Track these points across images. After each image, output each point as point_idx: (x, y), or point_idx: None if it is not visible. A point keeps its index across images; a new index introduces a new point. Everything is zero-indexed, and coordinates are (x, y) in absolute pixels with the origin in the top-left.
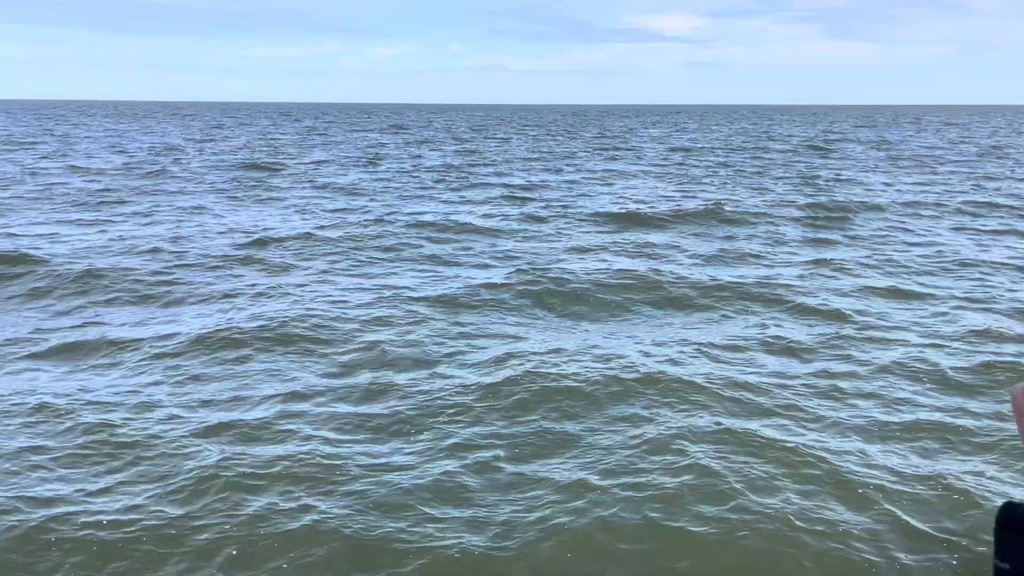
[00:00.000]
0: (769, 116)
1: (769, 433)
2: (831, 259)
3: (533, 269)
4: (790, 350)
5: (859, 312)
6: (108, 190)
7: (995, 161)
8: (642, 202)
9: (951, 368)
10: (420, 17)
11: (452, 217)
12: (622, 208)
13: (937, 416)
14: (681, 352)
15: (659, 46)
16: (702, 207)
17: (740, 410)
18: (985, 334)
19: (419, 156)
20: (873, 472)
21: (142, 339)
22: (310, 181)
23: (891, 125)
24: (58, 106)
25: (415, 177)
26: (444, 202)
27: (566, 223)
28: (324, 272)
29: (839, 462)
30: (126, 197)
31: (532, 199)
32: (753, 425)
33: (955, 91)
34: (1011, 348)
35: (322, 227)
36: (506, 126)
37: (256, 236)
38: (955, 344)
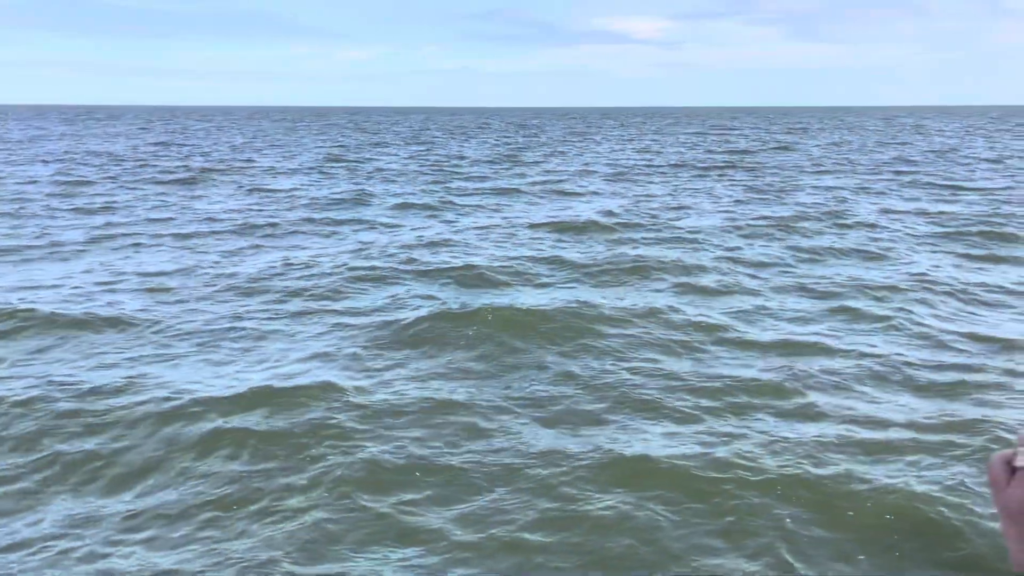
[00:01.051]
0: (721, 118)
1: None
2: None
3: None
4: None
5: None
6: None
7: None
8: (610, 213)
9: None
10: (389, 20)
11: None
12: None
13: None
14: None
15: (627, 48)
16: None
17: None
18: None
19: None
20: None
21: None
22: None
23: (822, 129)
24: (5, 111)
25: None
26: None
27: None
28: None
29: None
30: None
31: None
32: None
33: (919, 92)
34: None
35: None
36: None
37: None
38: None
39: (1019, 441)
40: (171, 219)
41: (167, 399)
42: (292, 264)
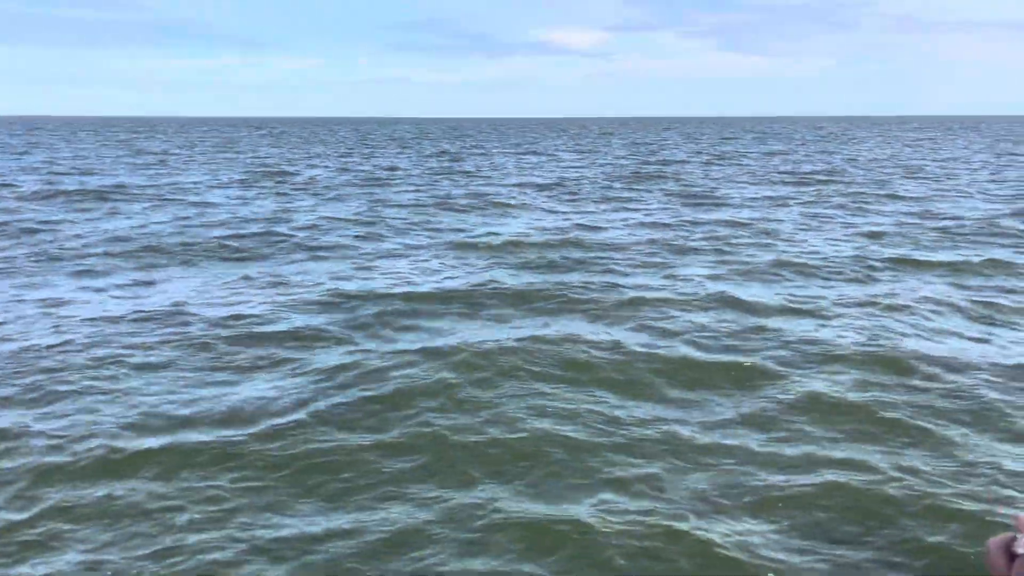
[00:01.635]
0: (650, 127)
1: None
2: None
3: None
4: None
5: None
6: None
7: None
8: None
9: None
10: (323, 30)
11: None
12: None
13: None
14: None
15: (563, 59)
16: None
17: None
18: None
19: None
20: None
21: None
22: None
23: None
24: None
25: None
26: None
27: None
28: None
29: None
30: None
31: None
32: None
33: (842, 102)
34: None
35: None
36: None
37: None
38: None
39: (1017, 526)
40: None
41: None
42: (171, 308)
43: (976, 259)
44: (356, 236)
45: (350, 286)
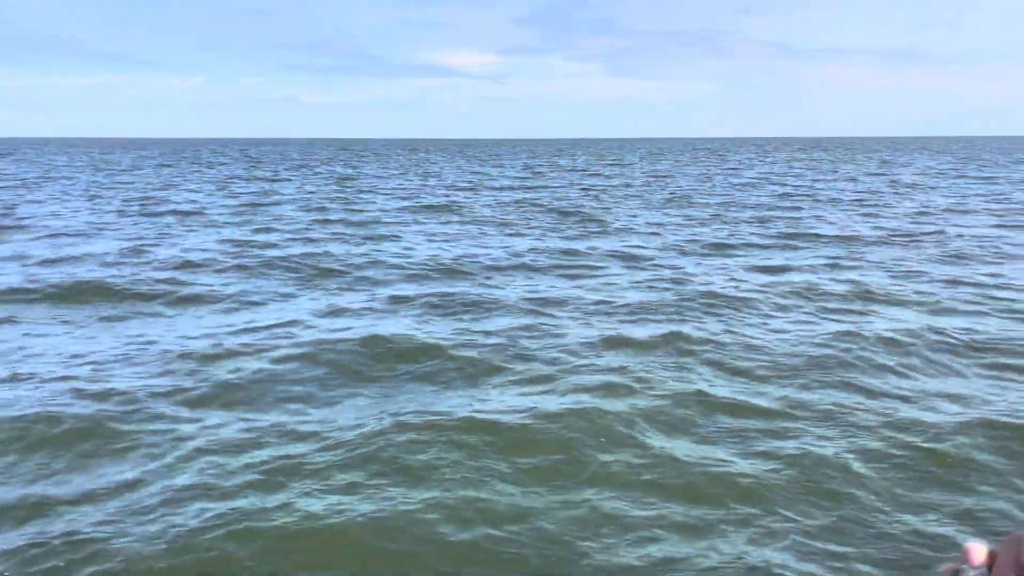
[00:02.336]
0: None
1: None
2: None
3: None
4: None
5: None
6: None
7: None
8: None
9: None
10: (209, 48)
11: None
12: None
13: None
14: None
15: (454, 81)
16: None
17: None
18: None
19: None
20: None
21: None
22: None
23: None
24: None
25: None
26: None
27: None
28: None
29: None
30: None
31: None
32: None
33: (723, 124)
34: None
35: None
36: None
37: None
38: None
39: (963, 557)
40: None
41: None
42: None
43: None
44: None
45: (200, 344)
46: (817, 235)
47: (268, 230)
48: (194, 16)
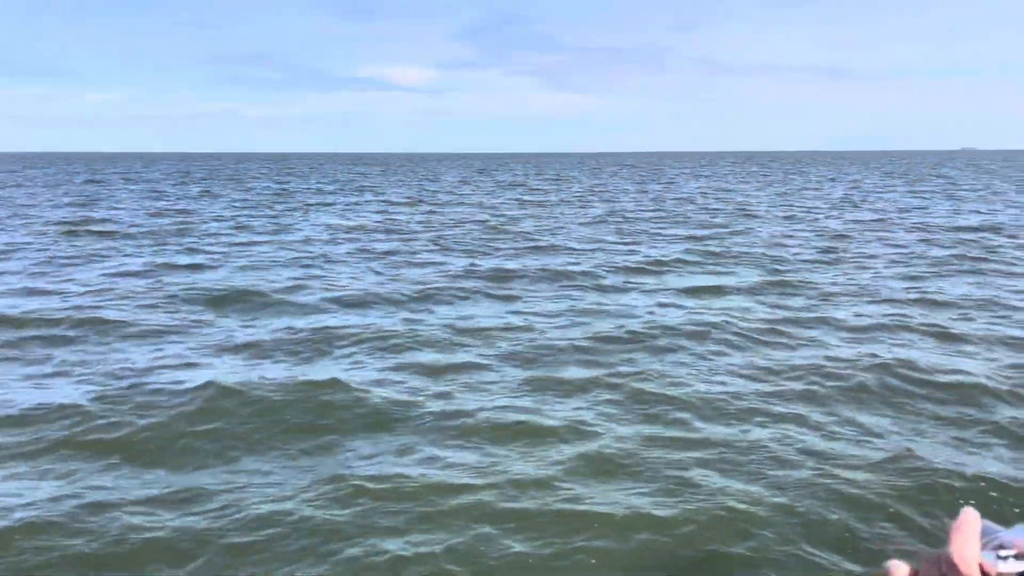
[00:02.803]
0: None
1: None
2: None
3: None
4: None
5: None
6: None
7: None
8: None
9: None
10: (139, 61)
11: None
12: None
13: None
14: None
15: (395, 95)
16: None
17: None
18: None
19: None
20: None
21: None
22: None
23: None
24: None
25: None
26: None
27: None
28: None
29: None
30: None
31: None
32: None
33: (657, 139)
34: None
35: None
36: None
37: None
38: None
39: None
40: None
41: None
42: None
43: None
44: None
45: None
46: (748, 255)
47: (190, 250)
48: (126, 28)
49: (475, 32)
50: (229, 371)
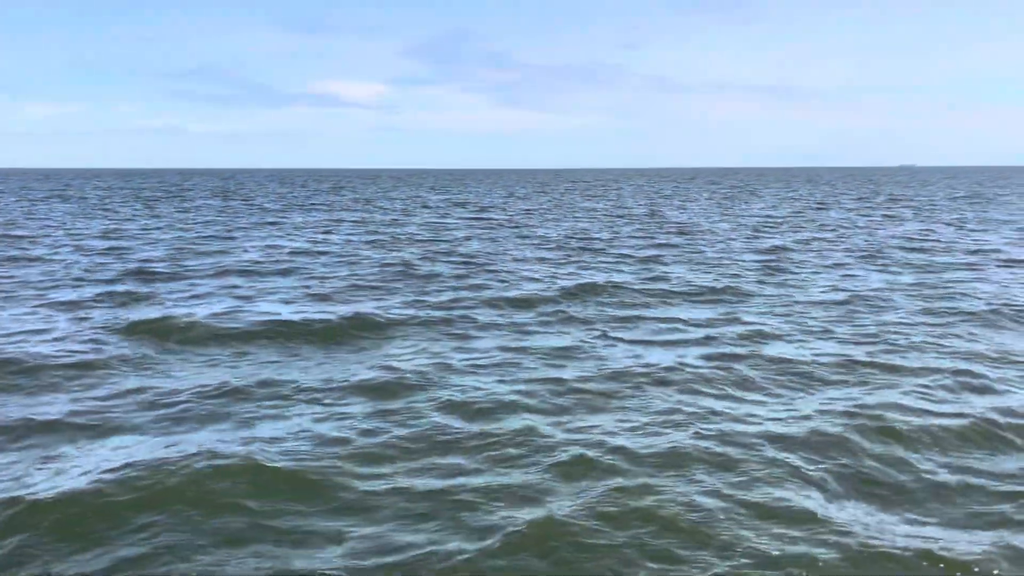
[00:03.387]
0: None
1: None
2: None
3: None
4: None
5: None
6: None
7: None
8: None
9: None
10: (81, 75)
11: None
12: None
13: None
14: None
15: (345, 111)
16: None
17: None
18: None
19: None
20: None
21: None
22: None
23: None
24: None
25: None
26: None
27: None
28: None
29: None
30: None
31: None
32: None
33: (609, 155)
34: None
35: None
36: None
37: None
38: None
39: None
40: None
41: None
42: None
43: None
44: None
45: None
46: (709, 288)
47: (78, 282)
48: (67, 40)
49: (427, 49)
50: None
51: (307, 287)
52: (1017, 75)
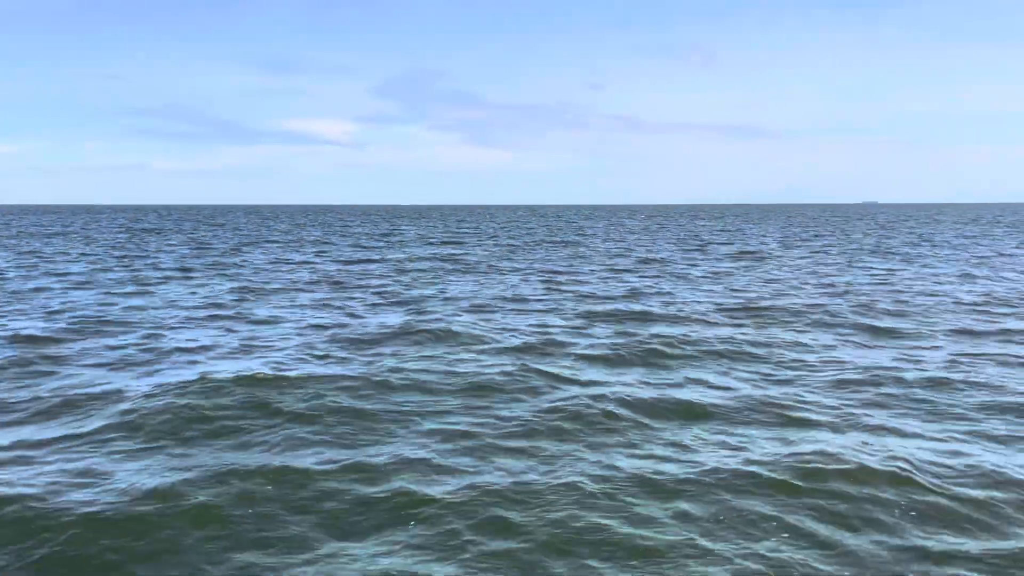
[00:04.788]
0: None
1: None
2: None
3: None
4: None
5: None
6: None
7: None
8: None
9: None
10: (42, 112)
11: None
12: None
13: None
14: None
15: (315, 148)
16: None
17: None
18: None
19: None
20: None
21: None
22: None
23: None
24: None
25: None
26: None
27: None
28: None
29: None
30: None
31: None
32: None
33: (577, 192)
34: None
35: None
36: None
37: None
38: None
39: None
40: None
41: None
42: None
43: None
44: None
45: None
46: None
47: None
48: (32, 78)
49: (394, 88)
50: None
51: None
52: (970, 117)
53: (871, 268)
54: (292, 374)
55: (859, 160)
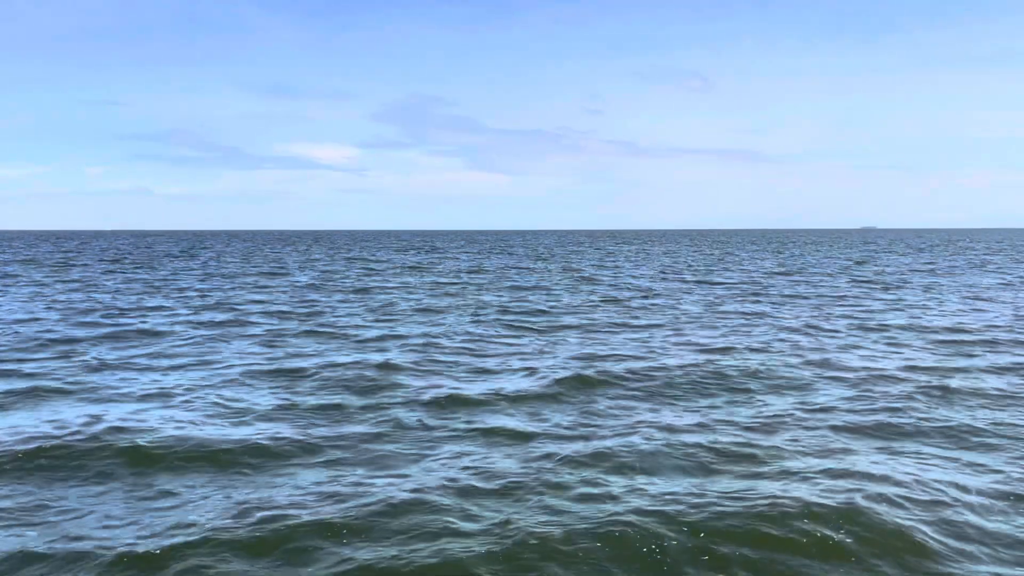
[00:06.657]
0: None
1: None
2: None
3: None
4: None
5: None
6: None
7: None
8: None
9: None
10: (46, 137)
11: None
12: None
13: None
14: None
15: (316, 173)
16: None
17: None
18: None
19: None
20: None
21: None
22: None
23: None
24: None
25: None
26: None
27: None
28: None
29: None
30: None
31: None
32: None
33: (577, 217)
34: None
35: None
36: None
37: None
38: None
39: None
40: None
41: None
42: None
43: None
44: None
45: None
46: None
47: None
48: (34, 103)
49: (395, 114)
50: None
51: None
52: (969, 142)
53: None
54: None
55: (858, 185)
